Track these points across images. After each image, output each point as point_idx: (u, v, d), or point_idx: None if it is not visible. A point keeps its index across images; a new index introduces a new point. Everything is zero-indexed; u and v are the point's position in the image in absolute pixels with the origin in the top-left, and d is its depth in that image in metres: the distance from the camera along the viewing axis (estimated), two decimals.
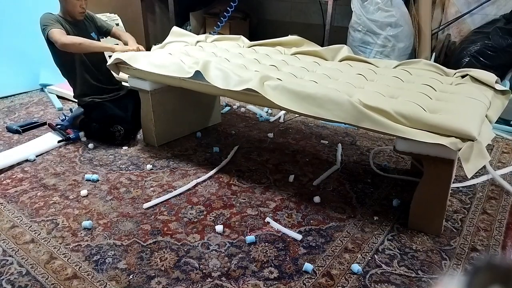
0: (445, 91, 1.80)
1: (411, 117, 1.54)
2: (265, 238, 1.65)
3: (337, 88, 1.76)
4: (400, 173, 2.18)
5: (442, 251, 1.59)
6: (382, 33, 3.26)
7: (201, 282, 1.42)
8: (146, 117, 2.41)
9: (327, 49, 2.31)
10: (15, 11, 3.29)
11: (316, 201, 1.90)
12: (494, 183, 2.06)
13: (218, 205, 1.87)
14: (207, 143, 2.50)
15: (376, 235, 1.68)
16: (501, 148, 2.48)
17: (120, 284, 1.41)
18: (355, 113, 1.60)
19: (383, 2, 3.20)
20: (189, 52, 2.33)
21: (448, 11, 3.47)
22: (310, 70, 2.07)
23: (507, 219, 1.80)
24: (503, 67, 2.99)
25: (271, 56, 2.29)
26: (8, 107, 3.04)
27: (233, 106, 3.10)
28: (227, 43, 2.59)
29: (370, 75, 1.97)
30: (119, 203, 1.87)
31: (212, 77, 1.92)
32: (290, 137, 2.61)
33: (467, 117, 1.52)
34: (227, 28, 4.31)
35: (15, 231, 1.68)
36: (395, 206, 1.87)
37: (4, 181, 2.05)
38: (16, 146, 2.40)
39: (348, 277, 1.46)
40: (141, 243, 1.62)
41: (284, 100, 1.75)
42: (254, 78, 1.81)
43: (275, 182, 2.08)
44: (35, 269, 1.48)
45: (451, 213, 1.83)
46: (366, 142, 2.55)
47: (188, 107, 2.54)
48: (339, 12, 3.79)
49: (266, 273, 1.47)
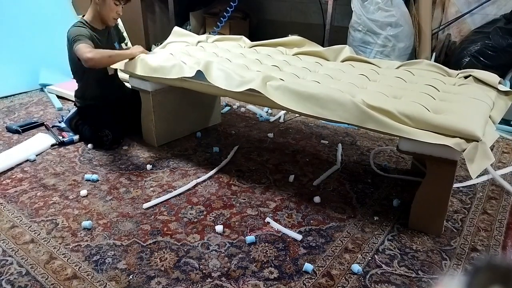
0: (448, 91, 1.79)
1: (415, 117, 1.53)
2: (265, 238, 1.65)
3: (340, 88, 1.76)
4: (401, 173, 2.18)
5: (443, 251, 1.59)
6: (382, 33, 3.26)
7: (201, 282, 1.42)
8: (147, 117, 2.41)
9: (329, 50, 2.31)
10: (15, 11, 3.29)
11: (316, 201, 1.90)
12: (494, 183, 2.06)
13: (218, 205, 1.87)
14: (207, 143, 2.50)
15: (376, 235, 1.68)
16: (501, 148, 2.48)
17: (120, 284, 1.41)
18: (359, 113, 1.60)
19: (383, 2, 3.20)
20: (190, 52, 2.32)
21: (448, 11, 3.46)
22: (312, 70, 2.06)
23: (507, 219, 1.80)
24: (503, 67, 2.98)
25: (273, 56, 2.29)
26: (8, 107, 3.04)
27: (233, 106, 3.10)
28: (228, 43, 2.58)
29: (373, 76, 1.96)
30: (119, 203, 1.87)
31: (214, 78, 1.91)
32: (290, 137, 2.61)
33: (471, 117, 1.52)
34: (227, 28, 4.31)
35: (15, 231, 1.68)
36: (396, 206, 1.87)
37: (4, 181, 2.05)
38: (15, 146, 2.40)
39: (348, 277, 1.46)
40: (141, 243, 1.61)
41: (287, 100, 1.74)
42: (256, 78, 1.80)
43: (275, 182, 2.07)
44: (35, 269, 1.47)
45: (451, 213, 1.83)
46: (367, 142, 2.55)
47: (188, 107, 2.54)
48: (339, 12, 3.79)
49: (266, 273, 1.47)
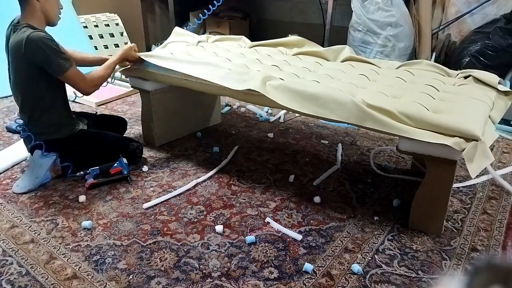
0: (448, 91, 1.79)
1: (414, 117, 1.53)
2: (265, 238, 1.65)
3: (340, 88, 1.76)
4: (401, 173, 2.18)
5: (443, 251, 1.59)
6: (382, 33, 3.26)
7: (201, 282, 1.42)
8: (147, 117, 2.41)
9: (329, 50, 2.31)
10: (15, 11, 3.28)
11: (316, 201, 1.90)
12: (494, 183, 2.06)
13: (218, 205, 1.87)
14: (207, 143, 2.50)
15: (376, 235, 1.68)
16: (501, 148, 2.48)
17: (120, 284, 1.41)
18: (359, 113, 1.60)
19: (383, 2, 3.20)
20: (190, 52, 2.33)
21: (448, 11, 3.47)
22: (312, 70, 2.06)
23: (507, 219, 1.80)
24: (504, 66, 2.98)
25: (273, 56, 2.29)
26: (8, 107, 3.04)
27: (233, 106, 3.10)
28: (228, 43, 2.58)
29: (373, 76, 1.96)
30: (119, 203, 1.87)
31: (216, 78, 1.92)
32: (290, 137, 2.61)
33: (471, 117, 1.52)
34: (227, 28, 4.32)
35: (15, 231, 1.68)
36: (395, 206, 1.87)
37: (4, 181, 2.05)
38: (14, 144, 2.40)
39: (348, 277, 1.46)
40: (141, 243, 1.61)
41: (287, 100, 1.75)
42: (256, 78, 1.80)
43: (275, 182, 2.07)
44: (35, 269, 1.47)
45: (451, 213, 1.83)
46: (367, 142, 2.55)
47: (188, 107, 2.54)
48: (339, 12, 3.79)
49: (266, 273, 1.47)
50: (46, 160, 1.98)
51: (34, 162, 1.98)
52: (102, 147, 2.13)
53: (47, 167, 1.98)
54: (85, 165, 2.06)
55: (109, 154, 2.11)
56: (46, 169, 1.98)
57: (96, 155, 2.11)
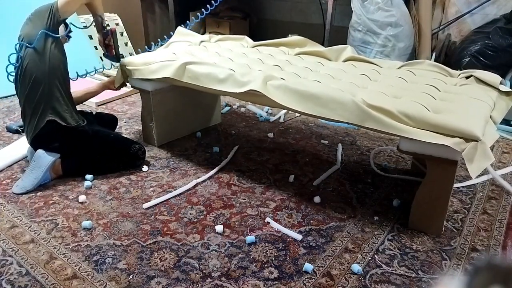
0: (449, 91, 1.79)
1: (415, 117, 1.53)
2: (265, 238, 1.65)
3: (341, 88, 1.76)
4: (401, 173, 2.18)
5: (443, 251, 1.59)
6: (382, 33, 3.26)
7: (201, 282, 1.42)
8: (147, 117, 2.41)
9: (330, 50, 2.31)
10: (16, 10, 3.29)
11: (316, 201, 1.90)
12: (494, 183, 2.06)
13: (218, 205, 1.87)
14: (207, 143, 2.50)
15: (376, 235, 1.68)
16: (501, 148, 2.48)
17: (120, 284, 1.41)
18: (359, 112, 1.60)
19: (383, 2, 3.20)
20: (192, 52, 2.33)
21: (448, 11, 3.46)
22: (313, 70, 2.06)
23: (507, 219, 1.80)
24: (504, 66, 2.98)
25: (275, 56, 2.29)
26: (8, 107, 3.04)
27: (233, 106, 3.10)
28: (230, 43, 2.58)
29: (374, 76, 1.96)
30: (118, 203, 1.87)
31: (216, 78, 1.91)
32: (290, 137, 2.61)
33: (471, 117, 1.52)
34: (227, 28, 4.32)
35: (15, 231, 1.68)
36: (396, 206, 1.87)
37: (4, 181, 2.05)
38: (13, 143, 2.40)
39: (348, 277, 1.46)
40: (141, 243, 1.61)
41: (287, 99, 1.75)
42: (257, 78, 1.80)
43: (275, 182, 2.07)
44: (35, 269, 1.47)
45: (451, 213, 1.83)
46: (367, 142, 2.55)
47: (189, 107, 2.54)
48: (339, 12, 3.79)
49: (266, 273, 1.47)
50: (46, 160, 1.98)
51: (34, 162, 1.98)
52: (104, 147, 2.11)
53: (46, 168, 1.98)
54: (85, 165, 2.07)
55: (110, 154, 2.11)
56: (46, 170, 1.98)
57: (96, 154, 2.09)
